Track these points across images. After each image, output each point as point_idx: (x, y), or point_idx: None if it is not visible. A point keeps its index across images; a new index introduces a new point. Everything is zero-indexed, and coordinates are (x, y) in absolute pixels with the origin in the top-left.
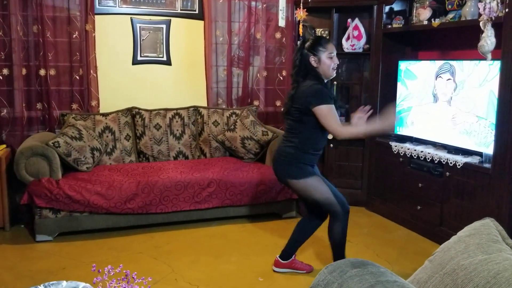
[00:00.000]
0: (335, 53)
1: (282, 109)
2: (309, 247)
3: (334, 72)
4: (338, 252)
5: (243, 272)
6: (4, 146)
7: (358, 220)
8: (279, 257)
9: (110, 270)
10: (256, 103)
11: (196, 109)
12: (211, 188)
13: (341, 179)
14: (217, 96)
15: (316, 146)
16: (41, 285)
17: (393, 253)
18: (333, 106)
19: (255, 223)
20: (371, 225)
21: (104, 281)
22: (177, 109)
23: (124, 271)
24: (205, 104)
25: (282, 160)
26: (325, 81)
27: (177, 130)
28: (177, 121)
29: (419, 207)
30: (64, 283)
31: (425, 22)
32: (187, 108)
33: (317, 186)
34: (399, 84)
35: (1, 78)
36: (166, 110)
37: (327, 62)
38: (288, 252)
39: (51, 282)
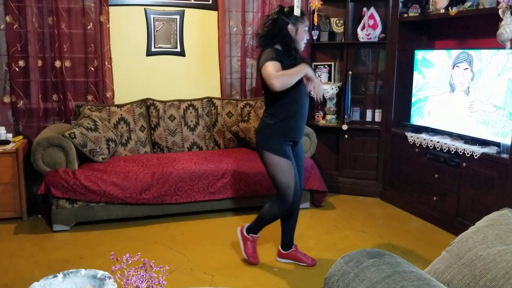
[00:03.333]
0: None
1: None
2: (324, 236)
3: (304, 46)
4: (258, 224)
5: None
6: (21, 137)
7: (373, 211)
8: (281, 247)
9: (128, 259)
10: None
11: (210, 100)
12: (225, 179)
13: (356, 170)
14: (231, 87)
15: (290, 111)
16: (60, 273)
17: (408, 244)
18: (275, 62)
19: None
20: (386, 216)
21: (123, 269)
22: (191, 100)
23: (142, 260)
24: (219, 95)
25: (263, 132)
26: (293, 52)
27: (191, 121)
28: (191, 112)
29: (435, 198)
30: (83, 271)
31: (442, 11)
32: (201, 99)
33: (285, 170)
34: (415, 74)
35: (17, 70)
36: (180, 101)
37: (301, 34)
38: (286, 242)
39: (70, 270)
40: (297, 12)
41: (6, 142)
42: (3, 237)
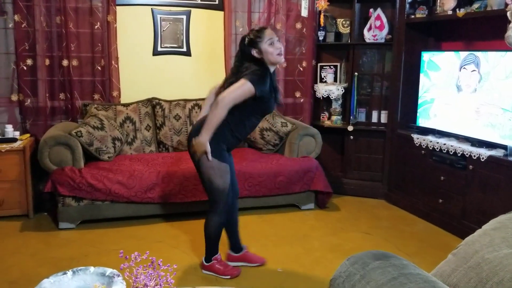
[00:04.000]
0: (275, 38)
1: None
2: (329, 237)
3: (281, 57)
4: (211, 246)
5: None
6: (28, 135)
7: (378, 212)
8: (231, 250)
9: (137, 257)
10: None
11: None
12: None
13: (361, 171)
14: None
15: (243, 131)
16: (70, 270)
17: (413, 246)
18: (250, 87)
19: (274, 214)
20: (391, 218)
21: (131, 267)
22: (196, 100)
23: (150, 258)
24: None
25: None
26: (271, 69)
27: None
28: (196, 112)
29: (440, 200)
30: (92, 268)
31: (450, 12)
32: None
33: (223, 174)
34: (421, 76)
35: (25, 68)
36: (186, 101)
37: (268, 49)
38: (234, 245)
39: (79, 268)
40: (304, 13)
41: (13, 140)
42: (9, 234)
